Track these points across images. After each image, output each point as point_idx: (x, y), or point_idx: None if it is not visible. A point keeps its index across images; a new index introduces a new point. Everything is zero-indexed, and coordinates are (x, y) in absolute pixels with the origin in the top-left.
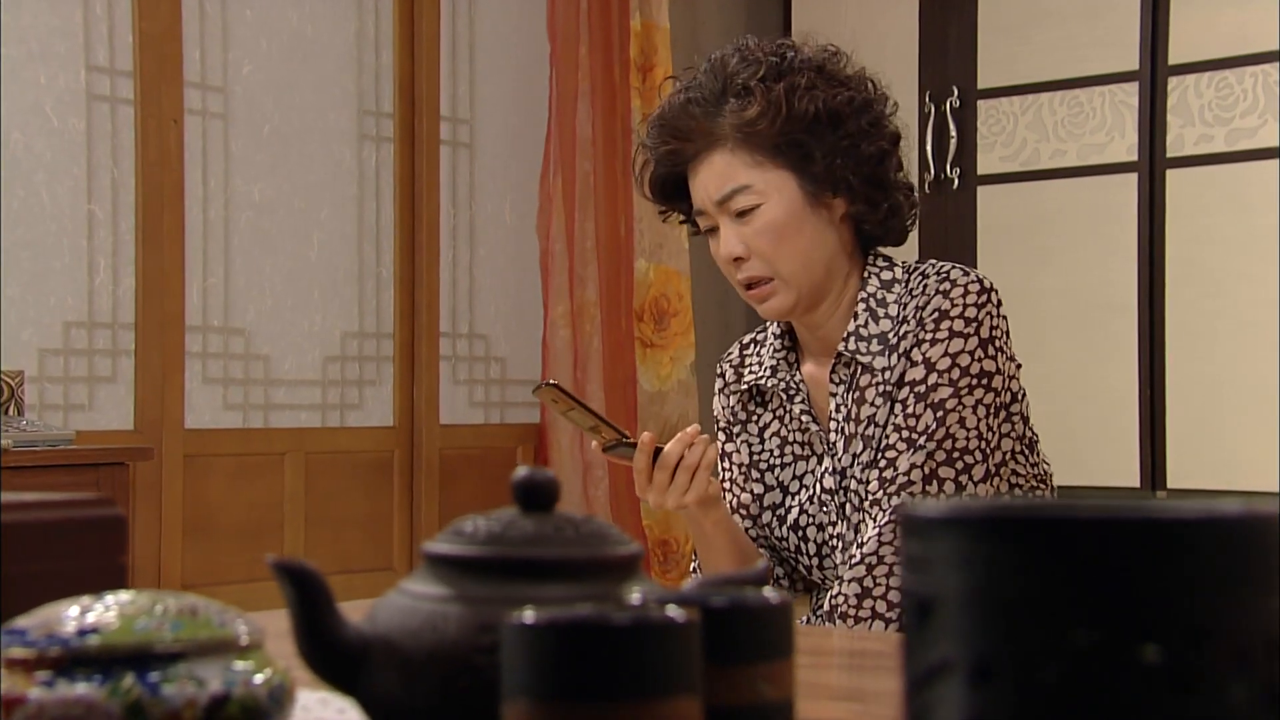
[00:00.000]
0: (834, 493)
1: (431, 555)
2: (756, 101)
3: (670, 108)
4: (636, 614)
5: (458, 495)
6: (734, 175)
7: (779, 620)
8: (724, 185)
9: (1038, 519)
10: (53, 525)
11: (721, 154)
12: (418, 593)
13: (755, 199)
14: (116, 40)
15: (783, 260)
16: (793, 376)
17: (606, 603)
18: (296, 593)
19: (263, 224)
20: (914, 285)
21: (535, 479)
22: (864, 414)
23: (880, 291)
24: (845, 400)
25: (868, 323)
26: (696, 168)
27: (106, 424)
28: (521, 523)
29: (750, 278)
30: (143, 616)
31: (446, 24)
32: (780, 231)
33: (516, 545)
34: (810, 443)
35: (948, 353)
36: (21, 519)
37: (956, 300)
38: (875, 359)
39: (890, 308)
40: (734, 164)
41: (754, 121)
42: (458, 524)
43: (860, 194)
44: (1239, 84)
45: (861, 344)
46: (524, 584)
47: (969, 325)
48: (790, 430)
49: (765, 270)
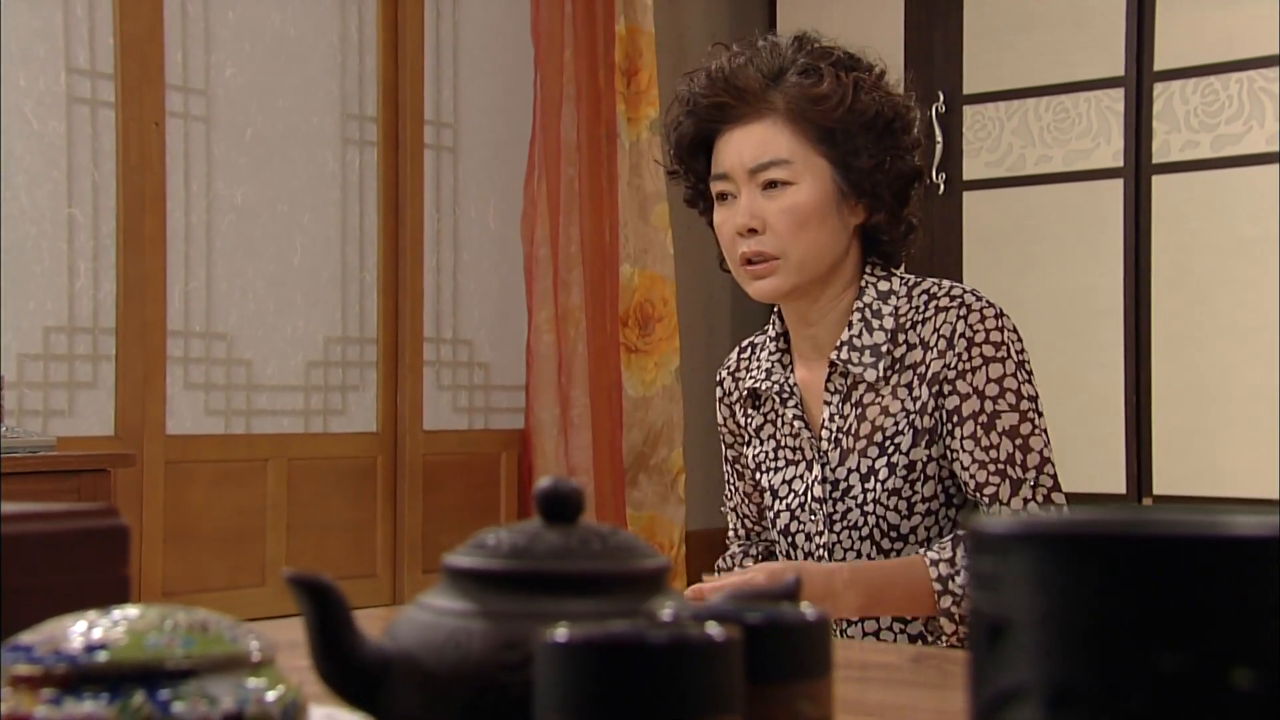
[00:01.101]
0: (823, 502)
1: (453, 569)
2: (825, 82)
3: (729, 65)
4: (675, 632)
5: (442, 502)
6: (777, 147)
7: (818, 637)
8: (763, 154)
9: (1119, 535)
10: (54, 536)
11: (769, 123)
12: (440, 608)
13: (790, 176)
14: (97, 42)
15: (796, 244)
16: (787, 379)
17: (637, 619)
18: (314, 608)
19: (245, 228)
20: (917, 303)
21: (559, 490)
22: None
23: (876, 302)
24: (841, 411)
25: (861, 333)
26: (733, 131)
27: (87, 430)
28: (546, 535)
29: (757, 252)
30: (153, 632)
31: (430, 27)
32: (804, 216)
33: (542, 559)
34: (801, 448)
35: (990, 379)
36: (22, 530)
37: (977, 326)
38: (867, 370)
39: (885, 320)
40: (779, 136)
41: (818, 100)
42: (480, 536)
43: (887, 206)
44: (1225, 90)
45: (854, 354)
46: (550, 599)
47: (998, 350)
48: (782, 434)
49: (774, 249)
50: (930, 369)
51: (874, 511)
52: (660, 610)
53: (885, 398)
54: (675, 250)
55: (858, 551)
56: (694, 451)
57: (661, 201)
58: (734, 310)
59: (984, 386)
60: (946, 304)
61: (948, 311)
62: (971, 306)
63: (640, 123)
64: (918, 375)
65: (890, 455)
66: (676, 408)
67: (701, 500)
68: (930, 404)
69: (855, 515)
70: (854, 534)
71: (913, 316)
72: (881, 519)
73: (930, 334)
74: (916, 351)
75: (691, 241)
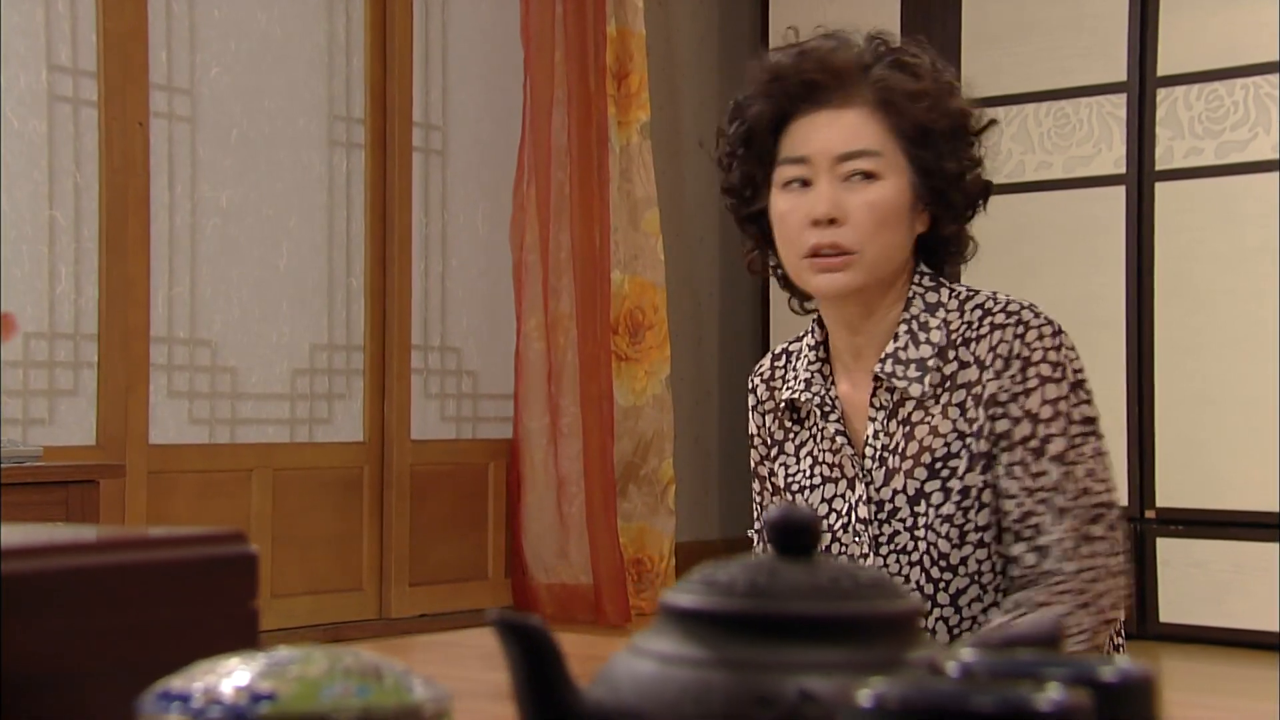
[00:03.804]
0: (868, 523)
1: (679, 610)
2: (923, 79)
3: (822, 46)
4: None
5: (429, 513)
6: (867, 137)
7: (1151, 694)
8: (853, 142)
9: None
10: (181, 565)
11: (859, 111)
12: (667, 654)
13: (878, 169)
14: (80, 39)
15: (873, 242)
16: (828, 391)
17: (907, 670)
18: (523, 656)
19: (230, 232)
20: (970, 318)
21: (794, 519)
22: (911, 450)
23: (924, 314)
24: (886, 428)
25: (908, 345)
26: (819, 114)
27: (67, 439)
28: (786, 571)
29: (833, 244)
30: (324, 680)
31: (419, 28)
32: (885, 214)
33: (787, 599)
34: (841, 464)
35: (1045, 400)
36: (148, 558)
37: (1035, 345)
38: (912, 385)
39: (933, 333)
40: (870, 126)
41: (913, 96)
42: (704, 572)
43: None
44: (1229, 96)
45: (899, 367)
46: (798, 646)
47: (1055, 370)
48: (821, 449)
49: (853, 243)
50: (986, 390)
51: (925, 537)
52: (945, 662)
53: (935, 416)
54: (666, 257)
55: (905, 577)
56: (683, 462)
57: (652, 207)
58: (723, 319)
59: (1038, 409)
60: (1003, 320)
61: (1004, 329)
62: (1029, 324)
63: (631, 126)
64: (972, 396)
65: (945, 479)
66: (667, 417)
67: (691, 512)
68: (986, 427)
69: (904, 539)
70: (902, 558)
71: (965, 332)
72: (933, 545)
73: (985, 352)
74: (971, 370)
75: (681, 248)
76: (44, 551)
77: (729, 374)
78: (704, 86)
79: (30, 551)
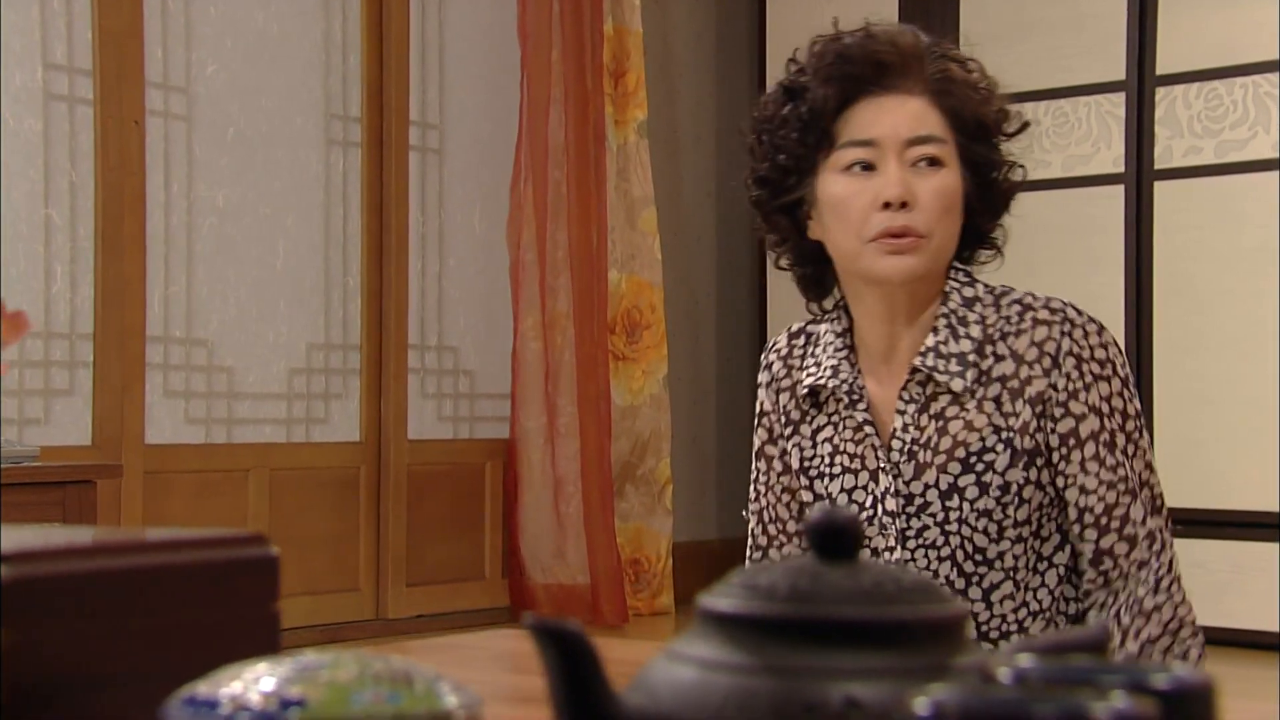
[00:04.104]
0: (895, 516)
1: (718, 614)
2: (977, 74)
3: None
4: (1072, 706)
5: (426, 513)
6: (933, 123)
7: (1210, 702)
8: (921, 127)
9: None
10: (202, 567)
11: (921, 99)
12: (707, 660)
13: (943, 155)
14: (75, 37)
15: (940, 227)
16: (855, 380)
17: (956, 676)
18: (560, 661)
19: (227, 231)
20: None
21: (836, 521)
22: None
23: (961, 309)
24: (917, 422)
25: (948, 340)
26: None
27: (63, 439)
28: (829, 575)
29: (909, 228)
30: (355, 686)
31: (416, 26)
32: (950, 201)
33: (831, 604)
34: (863, 455)
35: (1102, 396)
36: (169, 561)
37: (1083, 344)
38: (954, 379)
39: (972, 328)
40: (934, 113)
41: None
42: (743, 575)
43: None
44: (1229, 95)
45: (941, 361)
46: (843, 652)
47: (1104, 367)
48: (843, 438)
49: (924, 227)
50: (1033, 387)
51: (959, 532)
52: (997, 668)
53: (970, 411)
54: (664, 255)
55: (934, 572)
56: (681, 461)
57: (649, 206)
58: (720, 318)
59: (1100, 404)
60: (1046, 318)
61: (1049, 326)
62: (1075, 322)
63: (628, 125)
64: (1009, 390)
65: (981, 474)
66: (664, 416)
67: (688, 511)
68: (1034, 424)
69: (934, 534)
70: (931, 553)
71: (1003, 328)
72: (968, 540)
73: (1026, 347)
74: (1007, 364)
75: (678, 248)
76: (63, 554)
77: (726, 374)
78: (701, 85)
79: (50, 554)
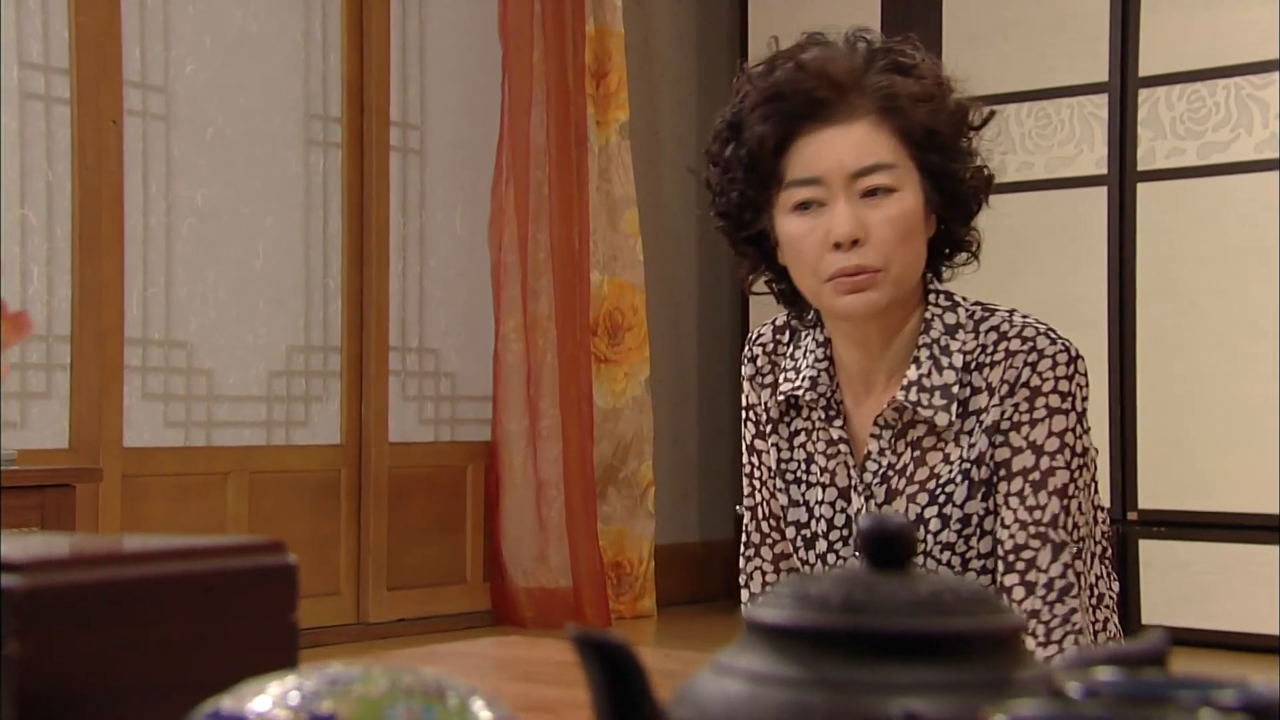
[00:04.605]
0: None
1: (769, 625)
2: (926, 80)
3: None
4: None
5: (407, 517)
6: (880, 150)
7: None
8: (866, 157)
9: None
10: (221, 576)
11: (866, 123)
12: (759, 673)
13: (894, 182)
14: (51, 35)
15: (898, 257)
16: (833, 394)
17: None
18: (605, 675)
19: (206, 231)
20: (986, 343)
21: (888, 528)
22: (920, 476)
23: (944, 338)
24: (893, 448)
25: (931, 372)
26: (824, 131)
27: (40, 443)
28: (884, 585)
29: (862, 266)
30: (387, 700)
31: (396, 26)
32: (907, 226)
33: (887, 615)
34: (834, 471)
35: (1051, 432)
36: (186, 570)
37: (1046, 375)
38: (939, 414)
39: (954, 357)
40: (879, 138)
41: (921, 98)
42: (793, 585)
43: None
44: (1211, 96)
45: (924, 395)
46: (897, 665)
47: (1064, 400)
48: (816, 449)
49: (879, 262)
50: (989, 415)
51: (924, 564)
52: (1066, 683)
53: (948, 444)
54: (645, 257)
55: None
56: (663, 464)
57: (631, 207)
58: (701, 320)
59: (1043, 441)
60: (1017, 348)
61: (1016, 356)
62: (1044, 352)
63: (610, 126)
64: (978, 422)
65: (942, 506)
66: (647, 419)
67: (670, 514)
68: (988, 454)
69: None
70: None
71: (979, 356)
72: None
73: (997, 379)
74: (981, 397)
75: (659, 249)
76: (76, 563)
77: (708, 376)
78: (682, 86)
79: (62, 563)
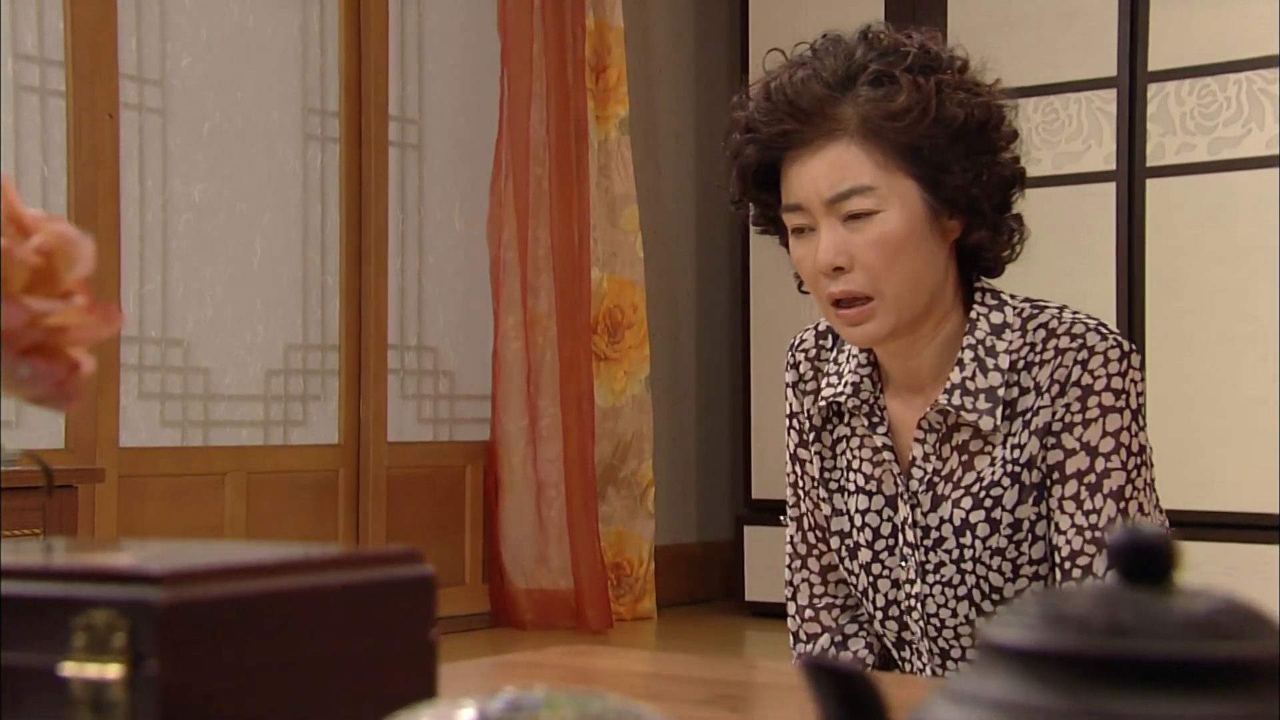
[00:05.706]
0: (915, 548)
1: (1013, 648)
2: (904, 93)
3: (790, 82)
4: None
5: (406, 517)
6: (855, 173)
7: None
8: (841, 182)
9: None
10: (360, 589)
11: (842, 146)
12: (1006, 701)
13: (874, 204)
14: (46, 27)
15: (890, 279)
16: (876, 399)
17: None
18: (840, 707)
19: (203, 227)
20: (1035, 341)
21: (1144, 540)
22: (966, 480)
23: (990, 338)
24: (939, 452)
25: (975, 374)
26: (805, 157)
27: (35, 442)
28: (1151, 604)
29: (848, 293)
30: None
31: (395, 20)
32: (895, 246)
33: (1161, 639)
34: (880, 479)
35: (1106, 432)
36: (326, 582)
37: (1098, 373)
38: (983, 418)
39: (1000, 358)
40: (856, 160)
41: (897, 115)
42: (1044, 606)
43: (989, 220)
44: (1222, 91)
45: (968, 399)
46: (1170, 696)
47: (1118, 398)
48: (860, 456)
49: (867, 287)
50: (1039, 417)
51: (973, 571)
52: None
53: (996, 446)
54: (645, 254)
55: (953, 610)
56: (663, 464)
57: (631, 204)
58: (700, 318)
59: (1097, 442)
60: (1067, 344)
61: (1066, 354)
62: (1094, 349)
63: (609, 121)
64: (1024, 422)
65: (990, 510)
66: (646, 418)
67: (668, 515)
68: (1039, 457)
69: (949, 571)
70: (948, 591)
71: (1028, 356)
72: (983, 579)
73: (1046, 379)
74: (1029, 397)
75: (659, 246)
76: (219, 575)
77: (707, 375)
78: (681, 81)
79: (206, 575)
